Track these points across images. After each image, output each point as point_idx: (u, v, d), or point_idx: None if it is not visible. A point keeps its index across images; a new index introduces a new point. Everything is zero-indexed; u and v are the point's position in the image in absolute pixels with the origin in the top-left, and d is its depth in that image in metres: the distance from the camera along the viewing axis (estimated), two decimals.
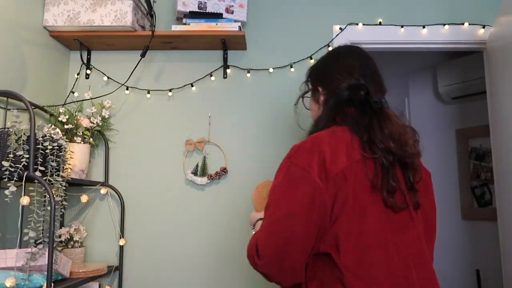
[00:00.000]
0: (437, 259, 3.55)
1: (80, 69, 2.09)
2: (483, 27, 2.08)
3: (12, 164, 1.32)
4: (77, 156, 1.79)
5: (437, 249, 3.62)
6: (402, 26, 2.08)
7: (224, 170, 1.99)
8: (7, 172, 1.31)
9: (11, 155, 1.32)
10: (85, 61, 2.09)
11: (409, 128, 1.09)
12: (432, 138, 3.37)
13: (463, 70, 3.03)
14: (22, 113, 1.68)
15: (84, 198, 1.90)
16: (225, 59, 2.07)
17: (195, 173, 2.00)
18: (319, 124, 1.09)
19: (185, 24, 1.94)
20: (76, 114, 1.90)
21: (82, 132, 1.85)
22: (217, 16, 1.93)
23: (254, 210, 1.39)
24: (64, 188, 1.49)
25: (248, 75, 2.08)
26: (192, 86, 2.08)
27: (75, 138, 1.82)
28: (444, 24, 2.09)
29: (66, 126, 1.81)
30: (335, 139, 1.00)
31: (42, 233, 1.46)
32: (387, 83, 1.24)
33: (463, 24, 2.09)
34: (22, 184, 1.34)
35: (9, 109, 1.59)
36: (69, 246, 1.81)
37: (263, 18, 2.14)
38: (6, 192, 1.30)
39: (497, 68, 1.94)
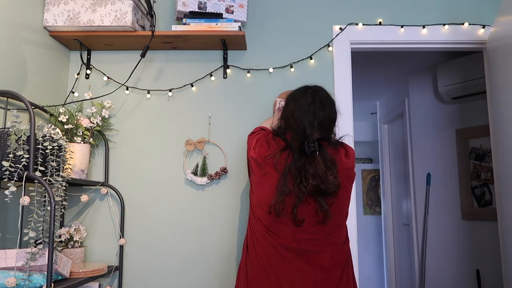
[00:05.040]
0: (437, 259, 3.57)
1: (80, 69, 2.09)
2: (483, 27, 2.08)
3: (12, 164, 1.32)
4: (77, 156, 1.79)
5: (437, 249, 3.64)
6: (402, 26, 2.08)
7: (224, 170, 1.99)
8: (7, 172, 1.31)
9: (11, 155, 1.32)
10: (85, 61, 2.09)
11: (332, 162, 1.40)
12: (432, 138, 3.37)
13: (463, 70, 3.03)
14: (22, 113, 1.69)
15: (84, 198, 1.90)
16: (225, 59, 2.08)
17: (195, 173, 2.00)
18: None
19: (185, 24, 1.94)
20: (76, 114, 1.90)
21: (82, 132, 1.85)
22: (217, 16, 1.93)
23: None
24: (64, 188, 1.49)
25: (248, 75, 2.08)
26: (192, 86, 2.08)
27: (75, 138, 1.82)
28: (444, 24, 2.09)
29: (66, 126, 1.81)
30: None
31: (42, 233, 1.46)
32: (387, 83, 1.31)
33: (463, 24, 2.09)
34: (22, 184, 1.34)
35: (9, 109, 1.59)
36: (69, 246, 1.81)
37: (263, 18, 2.14)
38: (6, 192, 1.30)
39: (497, 68, 1.94)
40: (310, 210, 1.37)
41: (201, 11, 1.94)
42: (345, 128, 2.03)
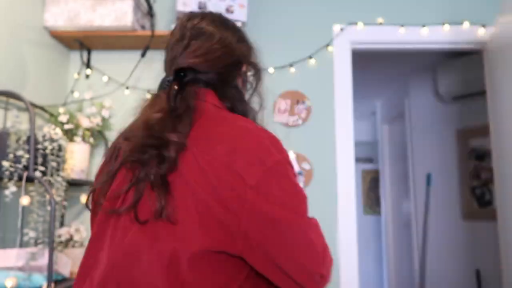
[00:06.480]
0: (437, 259, 3.57)
1: (80, 69, 2.09)
2: (483, 27, 2.08)
3: (12, 164, 1.32)
4: (77, 156, 1.79)
5: (437, 249, 3.64)
6: (402, 26, 2.08)
7: None
8: (7, 172, 1.31)
9: (11, 155, 1.32)
10: (85, 61, 2.09)
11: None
12: (432, 138, 3.37)
13: (463, 70, 3.03)
14: (22, 113, 1.69)
15: (84, 198, 1.89)
16: None
17: None
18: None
19: None
20: (76, 114, 1.90)
21: (82, 132, 1.85)
22: None
23: None
24: (64, 188, 1.49)
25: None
26: None
27: (75, 138, 1.82)
28: (444, 24, 2.09)
29: (66, 126, 1.81)
30: None
31: (42, 233, 1.46)
32: (387, 83, 1.27)
33: (463, 24, 2.09)
34: (22, 184, 1.34)
35: (9, 109, 1.59)
36: (69, 246, 1.81)
37: (263, 18, 2.14)
38: (6, 192, 1.30)
39: (497, 68, 1.94)
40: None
41: (201, 11, 1.94)
42: (345, 128, 2.03)
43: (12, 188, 1.31)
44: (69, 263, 1.56)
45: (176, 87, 0.79)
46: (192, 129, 0.72)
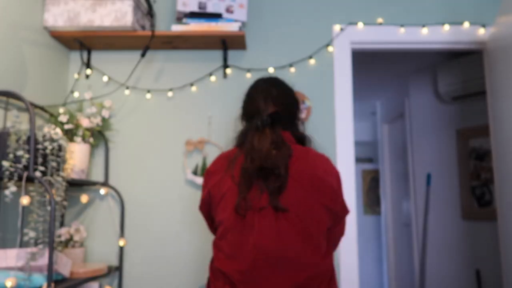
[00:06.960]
0: (437, 259, 3.56)
1: (80, 69, 2.09)
2: (483, 27, 2.08)
3: (12, 164, 1.32)
4: (77, 156, 1.79)
5: (437, 249, 3.63)
6: (402, 26, 2.08)
7: None
8: (7, 172, 1.31)
9: (11, 155, 1.32)
10: (85, 61, 2.09)
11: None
12: (432, 138, 3.37)
13: (463, 70, 3.03)
14: (22, 113, 1.69)
15: (84, 198, 1.90)
16: (225, 59, 2.08)
17: (195, 173, 2.00)
18: None
19: (185, 24, 1.94)
20: (76, 114, 1.90)
21: (82, 132, 1.85)
22: (217, 16, 1.93)
23: None
24: (64, 188, 1.49)
25: (248, 75, 2.08)
26: (192, 86, 2.08)
27: (75, 138, 1.82)
28: (444, 24, 2.09)
29: (66, 126, 1.81)
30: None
31: (42, 233, 1.46)
32: (387, 83, 1.30)
33: (463, 24, 2.09)
34: (22, 184, 1.34)
35: (9, 109, 1.59)
36: (69, 246, 1.81)
37: (263, 18, 2.14)
38: (6, 192, 1.30)
39: (497, 68, 1.94)
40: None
41: (201, 11, 1.94)
42: (345, 128, 2.03)
43: (12, 188, 1.31)
44: (69, 263, 1.56)
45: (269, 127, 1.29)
46: None
